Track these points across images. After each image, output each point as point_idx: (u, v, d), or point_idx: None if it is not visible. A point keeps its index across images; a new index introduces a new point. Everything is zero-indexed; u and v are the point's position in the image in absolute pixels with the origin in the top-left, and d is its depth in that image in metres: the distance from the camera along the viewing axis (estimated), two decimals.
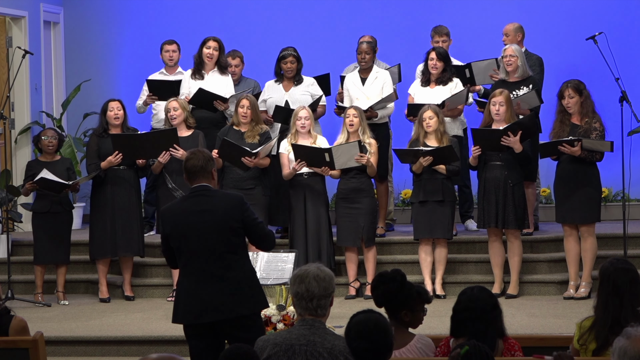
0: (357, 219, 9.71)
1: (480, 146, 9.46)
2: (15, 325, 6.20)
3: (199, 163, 6.14)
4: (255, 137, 9.84)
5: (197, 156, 6.17)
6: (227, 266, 6.03)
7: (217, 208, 6.08)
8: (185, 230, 6.07)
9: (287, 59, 10.31)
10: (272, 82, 10.48)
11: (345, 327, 4.74)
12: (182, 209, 6.15)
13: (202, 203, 6.10)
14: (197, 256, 6.05)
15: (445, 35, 10.86)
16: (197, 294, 6.02)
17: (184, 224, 6.08)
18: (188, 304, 6.06)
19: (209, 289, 6.01)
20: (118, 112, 9.94)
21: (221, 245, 6.04)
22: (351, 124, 9.71)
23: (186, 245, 6.07)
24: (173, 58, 10.97)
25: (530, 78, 10.11)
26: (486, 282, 9.44)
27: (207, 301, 6.00)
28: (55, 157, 10.15)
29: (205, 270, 6.03)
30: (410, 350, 5.32)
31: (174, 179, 9.91)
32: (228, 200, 6.17)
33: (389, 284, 5.40)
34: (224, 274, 6.02)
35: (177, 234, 6.10)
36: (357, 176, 9.74)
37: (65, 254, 10.07)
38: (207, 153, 6.28)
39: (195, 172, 6.15)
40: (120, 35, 13.07)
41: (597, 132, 9.30)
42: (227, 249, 6.05)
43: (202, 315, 6.02)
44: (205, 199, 6.12)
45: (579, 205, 9.34)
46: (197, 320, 6.03)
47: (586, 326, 5.38)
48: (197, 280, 6.04)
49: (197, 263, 6.05)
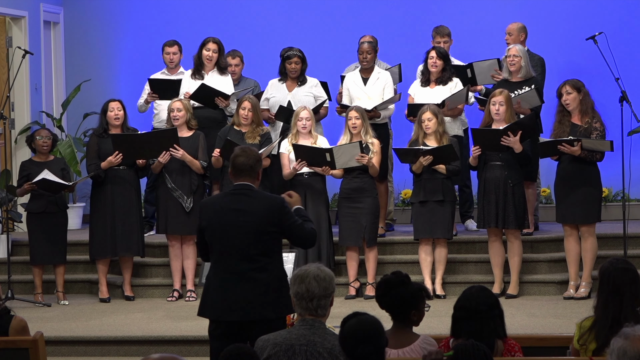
0: (360, 218, 9.71)
1: (480, 146, 9.46)
2: (15, 325, 6.20)
3: (249, 162, 6.11)
4: (256, 137, 9.85)
5: (248, 154, 6.13)
6: (259, 268, 5.99)
7: (256, 210, 6.04)
8: (221, 227, 6.04)
9: (292, 59, 10.31)
10: (275, 80, 10.48)
11: (340, 336, 4.65)
12: (222, 205, 6.11)
13: (242, 202, 6.06)
14: (230, 255, 6.03)
15: (446, 36, 10.86)
16: (226, 292, 6.01)
17: (221, 220, 6.05)
18: (216, 301, 6.04)
19: (239, 288, 5.99)
20: (118, 113, 9.94)
21: (255, 247, 6.01)
22: (354, 126, 9.71)
23: (220, 243, 6.05)
24: (174, 60, 10.97)
25: (533, 79, 10.11)
26: (486, 282, 9.44)
27: (235, 300, 5.98)
28: (49, 157, 10.14)
29: (236, 269, 6.01)
30: (414, 350, 5.31)
31: (173, 179, 9.92)
32: (268, 203, 6.10)
33: (399, 288, 5.37)
34: (255, 276, 5.99)
35: (213, 229, 6.07)
36: (360, 176, 9.75)
37: (62, 254, 10.05)
38: (257, 153, 6.25)
39: (243, 170, 6.11)
40: (120, 35, 13.07)
41: (597, 132, 9.29)
42: (261, 251, 6.02)
43: (229, 313, 6.00)
44: (246, 198, 6.08)
45: (580, 205, 9.33)
46: (223, 317, 6.02)
47: (586, 326, 5.38)
48: (227, 279, 6.02)
49: (229, 261, 6.03)
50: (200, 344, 8.39)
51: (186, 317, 9.16)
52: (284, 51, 10.43)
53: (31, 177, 9.86)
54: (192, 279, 9.99)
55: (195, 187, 9.92)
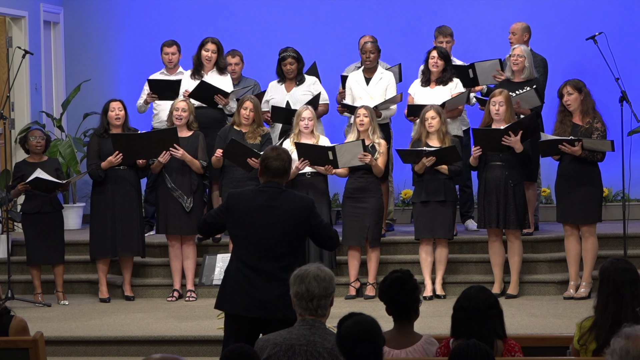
0: (363, 218, 9.71)
1: (481, 146, 9.46)
2: (15, 325, 6.20)
3: (284, 166, 6.15)
4: (256, 138, 9.86)
5: (283, 159, 6.15)
6: (284, 267, 5.98)
7: (286, 209, 6.07)
8: (249, 222, 6.06)
9: (286, 60, 10.32)
10: (275, 82, 10.50)
11: (337, 337, 4.64)
12: (252, 200, 6.13)
13: (272, 199, 6.09)
14: (256, 251, 6.05)
15: (449, 36, 10.85)
16: (249, 288, 6.02)
17: (250, 215, 6.07)
18: (238, 296, 6.05)
19: (262, 286, 6.01)
20: (119, 113, 9.94)
21: (282, 245, 6.04)
22: (361, 124, 9.71)
23: (247, 238, 6.06)
24: (172, 60, 10.97)
25: (535, 80, 10.11)
26: (486, 282, 9.44)
27: (257, 297, 6.00)
28: (43, 157, 10.13)
29: (261, 266, 6.03)
30: (417, 350, 5.31)
31: (173, 179, 9.91)
32: (298, 203, 6.14)
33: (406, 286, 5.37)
34: (279, 274, 5.99)
35: (241, 223, 6.09)
36: (364, 176, 9.75)
37: (59, 253, 10.04)
38: (289, 154, 6.27)
39: (277, 173, 6.15)
40: (120, 35, 13.07)
41: (598, 132, 9.29)
42: (287, 250, 6.05)
43: (250, 309, 6.02)
44: (277, 196, 6.11)
45: (580, 205, 9.33)
46: (244, 312, 6.03)
47: (586, 326, 5.38)
48: (251, 275, 6.04)
49: (254, 257, 6.05)
50: (200, 344, 8.39)
51: (186, 317, 9.16)
52: (280, 52, 10.44)
53: (25, 178, 9.84)
54: (192, 279, 9.99)
55: (195, 187, 9.92)
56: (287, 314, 5.89)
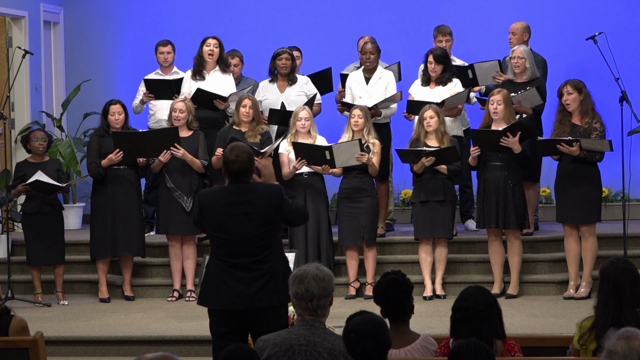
0: (359, 218, 9.71)
1: (479, 146, 9.46)
2: (15, 325, 6.20)
3: (245, 166, 6.11)
4: (256, 136, 9.86)
5: (242, 158, 6.11)
6: (264, 258, 6.07)
7: (257, 201, 6.09)
8: (223, 220, 6.09)
9: (281, 55, 10.31)
10: (266, 82, 10.48)
11: (344, 331, 4.72)
12: (223, 198, 6.14)
13: (242, 195, 6.10)
14: (233, 247, 6.07)
15: (448, 35, 10.85)
16: (230, 281, 6.05)
17: (222, 213, 6.09)
18: (220, 291, 6.08)
19: (245, 278, 6.04)
20: (119, 117, 9.94)
21: (258, 238, 6.07)
22: (356, 124, 9.72)
23: (223, 236, 6.09)
24: (167, 59, 10.96)
25: (537, 80, 10.09)
26: (486, 282, 9.45)
27: (240, 290, 6.03)
28: (44, 158, 10.14)
29: (240, 259, 6.06)
30: (415, 349, 5.32)
31: (173, 179, 9.91)
32: (268, 193, 6.16)
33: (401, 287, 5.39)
34: (258, 265, 6.06)
35: (215, 222, 6.12)
36: (359, 176, 9.75)
37: (59, 254, 10.04)
38: (249, 151, 6.20)
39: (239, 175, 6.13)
40: (120, 35, 13.07)
41: (597, 133, 9.29)
42: (264, 242, 6.08)
43: (234, 302, 6.04)
44: (246, 191, 6.12)
45: (580, 205, 9.33)
46: (229, 306, 6.05)
47: (586, 326, 5.38)
48: (231, 271, 6.07)
49: (232, 252, 6.07)
50: (200, 344, 8.39)
51: (186, 317, 9.17)
52: (276, 50, 10.43)
53: (26, 178, 9.85)
54: (192, 279, 9.99)
55: (195, 187, 9.92)
56: (270, 302, 6.03)
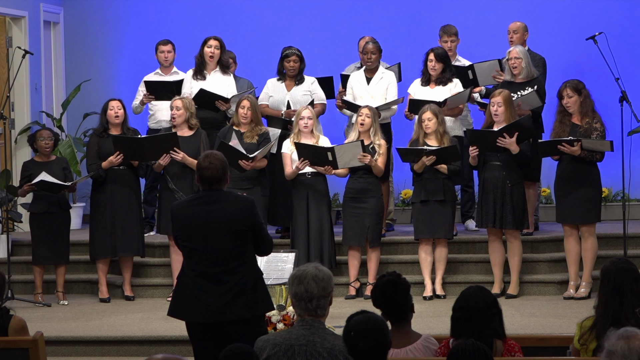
0: (363, 219, 9.71)
1: (477, 147, 9.46)
2: (15, 324, 6.20)
3: (217, 174, 6.06)
4: (254, 137, 9.85)
5: (215, 167, 6.05)
6: (233, 269, 6.01)
7: (227, 211, 6.04)
8: (193, 231, 6.05)
9: (290, 57, 10.33)
10: (274, 80, 10.50)
11: (344, 330, 4.72)
12: (193, 209, 6.11)
13: (213, 204, 6.06)
14: (205, 257, 6.03)
15: (453, 35, 10.84)
16: (201, 294, 6.01)
17: (193, 223, 6.05)
18: (191, 303, 6.05)
19: (214, 290, 5.99)
20: (118, 111, 9.95)
21: (228, 249, 6.01)
22: (362, 123, 9.71)
23: (194, 245, 6.05)
24: (168, 58, 10.98)
25: (536, 79, 10.09)
26: (486, 282, 9.45)
27: (210, 303, 5.99)
28: (51, 157, 10.14)
29: (211, 271, 6.01)
30: (417, 348, 5.32)
31: (174, 181, 9.91)
32: (239, 203, 6.11)
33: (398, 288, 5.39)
34: (229, 277, 6.00)
35: (185, 233, 6.09)
36: (364, 176, 9.74)
37: (65, 253, 10.06)
38: (222, 158, 6.15)
39: (213, 182, 6.08)
40: (120, 36, 13.07)
41: (597, 133, 9.29)
42: (235, 253, 6.02)
43: (205, 315, 6.01)
44: (217, 200, 6.08)
45: (580, 205, 9.33)
46: (200, 319, 6.03)
47: (587, 326, 5.38)
48: (202, 281, 6.02)
49: (203, 263, 6.03)
50: None
51: None
52: (283, 50, 10.46)
53: (33, 178, 9.86)
54: None
55: (196, 188, 9.91)
56: (242, 314, 5.97)
